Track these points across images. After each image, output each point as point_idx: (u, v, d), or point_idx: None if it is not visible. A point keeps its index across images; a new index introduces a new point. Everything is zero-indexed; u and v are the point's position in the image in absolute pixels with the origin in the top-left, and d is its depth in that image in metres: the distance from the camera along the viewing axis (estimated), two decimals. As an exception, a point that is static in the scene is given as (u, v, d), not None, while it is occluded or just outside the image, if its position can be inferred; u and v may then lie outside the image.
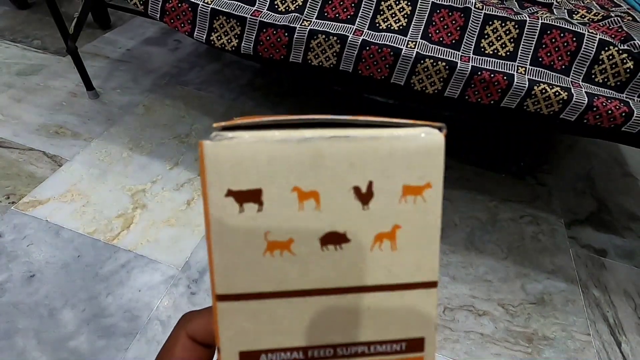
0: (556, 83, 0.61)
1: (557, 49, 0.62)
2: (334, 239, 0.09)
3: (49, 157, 0.89)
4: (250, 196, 0.09)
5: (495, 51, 0.64)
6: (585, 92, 0.60)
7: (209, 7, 0.67)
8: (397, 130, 0.09)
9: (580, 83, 0.62)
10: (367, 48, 0.63)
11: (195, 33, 0.70)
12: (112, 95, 1.08)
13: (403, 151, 0.09)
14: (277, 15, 0.66)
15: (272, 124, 0.09)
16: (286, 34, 0.65)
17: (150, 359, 0.60)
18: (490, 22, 0.64)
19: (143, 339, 0.62)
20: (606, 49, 0.60)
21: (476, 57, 0.63)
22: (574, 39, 0.62)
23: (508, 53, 0.63)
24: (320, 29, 0.64)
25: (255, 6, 0.67)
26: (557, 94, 0.60)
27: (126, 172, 0.88)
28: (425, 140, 0.09)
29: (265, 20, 0.66)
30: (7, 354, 0.59)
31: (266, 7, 0.67)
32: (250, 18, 0.66)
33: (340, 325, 0.09)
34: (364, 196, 0.09)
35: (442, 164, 0.09)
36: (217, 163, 0.09)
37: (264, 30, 0.66)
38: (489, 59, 0.63)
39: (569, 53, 0.62)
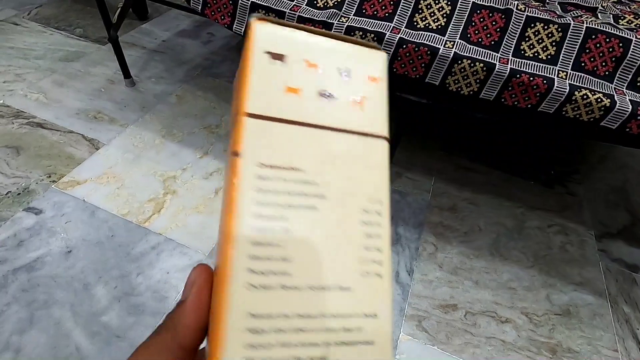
0: (599, 89, 0.59)
1: (601, 54, 0.61)
2: (326, 94, 0.13)
3: (88, 140, 0.93)
4: (278, 57, 0.13)
5: (536, 54, 0.62)
6: (630, 99, 0.58)
7: (249, 0, 0.69)
8: (364, 47, 0.15)
9: (625, 90, 0.60)
10: (404, 46, 0.63)
11: (235, 25, 0.72)
12: (147, 84, 1.11)
13: (367, 57, 0.14)
14: (316, 10, 0.67)
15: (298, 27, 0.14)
16: (324, 30, 0.66)
17: (176, 338, 0.62)
18: (532, 25, 0.62)
19: (170, 319, 0.64)
20: (654, 56, 0.58)
21: (515, 59, 0.62)
22: (620, 44, 0.60)
23: (549, 57, 0.62)
24: (358, 26, 0.65)
25: (295, 1, 0.68)
26: (599, 100, 0.58)
27: (158, 159, 0.91)
28: (379, 54, 0.15)
29: (303, 15, 0.66)
30: (45, 322, 0.62)
31: (305, 2, 0.68)
32: (289, 12, 0.67)
33: (319, 148, 0.13)
34: (344, 74, 0.14)
35: (386, 69, 0.15)
36: (261, 35, 0.13)
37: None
38: (528, 61, 0.62)
39: (613, 59, 0.60)
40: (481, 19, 0.64)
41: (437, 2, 0.65)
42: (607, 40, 0.60)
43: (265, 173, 0.12)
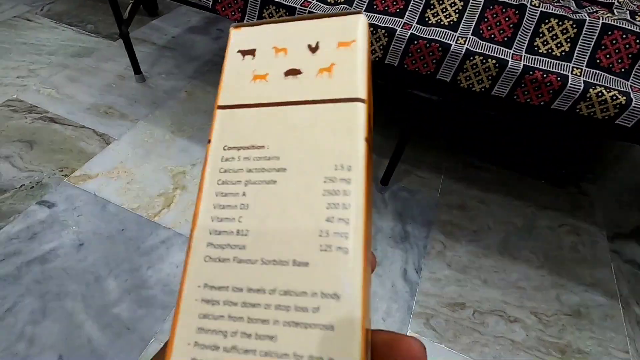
0: (614, 87, 0.58)
1: (617, 50, 0.59)
2: (293, 72, 0.14)
3: (99, 135, 0.94)
4: (248, 52, 0.14)
5: (550, 51, 0.61)
6: (646, 97, 0.57)
7: (259, -4, 0.68)
8: (341, 17, 0.14)
9: (641, 88, 0.59)
10: (415, 42, 0.63)
11: (245, 21, 0.71)
12: (158, 80, 1.12)
13: (341, 25, 0.14)
14: (326, 6, 0.67)
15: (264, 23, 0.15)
16: (298, 15, 0.65)
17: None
18: (547, 20, 0.61)
19: (179, 312, 0.65)
20: (673, 53, 0.57)
21: (529, 56, 0.61)
22: (637, 41, 0.58)
23: (563, 53, 0.61)
24: (368, 22, 0.64)
25: (305, -3, 0.68)
26: (614, 97, 0.57)
27: (168, 154, 0.91)
28: (353, 18, 0.14)
29: (314, 10, 0.66)
30: (58, 313, 0.63)
31: (316, -2, 0.68)
32: (299, 8, 0.67)
33: (282, 123, 0.13)
34: (313, 49, 0.14)
35: (362, 30, 0.14)
36: (235, 39, 0.15)
37: (312, 21, 0.67)
38: (542, 58, 0.61)
39: (630, 56, 0.59)
40: (494, 15, 0.63)
41: (449, -3, 0.64)
42: (624, 36, 0.59)
43: (229, 154, 0.13)
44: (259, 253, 0.11)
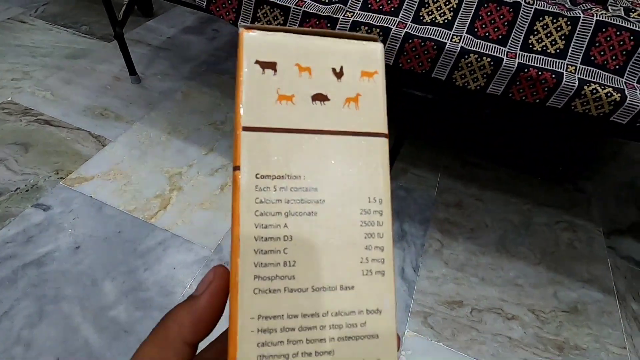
0: (609, 83, 0.58)
1: (611, 47, 0.60)
2: (320, 97, 0.13)
3: (94, 137, 0.94)
4: (268, 65, 0.13)
5: (544, 48, 0.61)
6: (641, 94, 0.57)
7: (254, -4, 0.68)
8: (360, 41, 0.14)
9: (635, 84, 0.59)
10: (410, 41, 0.63)
11: (240, 21, 0.71)
12: (153, 81, 1.12)
13: (362, 52, 0.14)
14: (321, 5, 0.67)
15: (284, 30, 0.14)
16: (328, 25, 0.65)
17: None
18: (541, 18, 0.61)
19: (177, 314, 0.65)
20: (667, 49, 0.57)
21: (523, 53, 0.61)
22: (631, 37, 0.59)
23: (558, 50, 0.61)
24: (363, 21, 0.64)
25: (299, -4, 0.68)
26: (609, 94, 0.57)
27: (164, 155, 0.91)
28: (374, 46, 0.14)
29: (308, 10, 0.66)
30: (55, 317, 0.63)
31: (310, -3, 0.68)
32: (294, 8, 0.67)
33: (315, 153, 0.13)
34: (338, 74, 0.14)
35: (382, 60, 0.14)
36: (250, 44, 0.13)
37: (307, 20, 0.67)
38: (537, 56, 0.61)
39: (624, 52, 0.59)
40: (488, 13, 0.63)
41: (443, -4, 0.64)
42: (618, 33, 0.59)
43: (263, 183, 0.12)
44: (308, 282, 0.12)
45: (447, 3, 0.64)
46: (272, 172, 0.13)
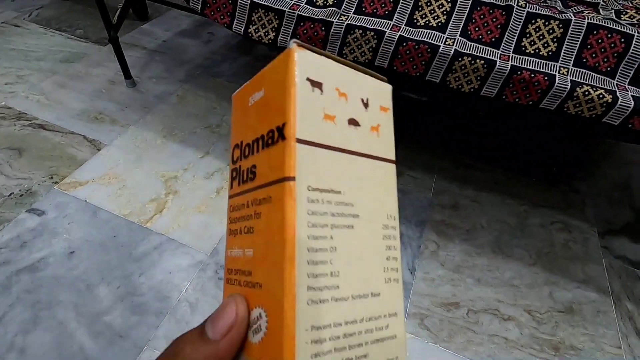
0: (600, 85, 0.59)
1: (603, 50, 0.60)
2: (354, 122, 0.15)
3: (89, 141, 0.93)
4: (317, 84, 0.14)
5: (537, 50, 0.62)
6: (632, 95, 0.58)
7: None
8: (375, 79, 0.16)
9: (627, 86, 0.59)
10: (404, 44, 0.63)
11: (234, 25, 0.71)
12: (148, 85, 1.11)
13: (380, 89, 0.16)
14: (315, 9, 0.67)
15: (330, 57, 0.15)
16: (323, 28, 0.66)
17: (179, 337, 0.62)
18: (533, 21, 0.62)
19: (173, 318, 0.65)
20: (657, 51, 0.57)
21: (516, 56, 0.62)
22: (622, 40, 0.59)
23: (550, 53, 0.62)
24: (358, 24, 0.65)
25: (294, 0, 0.68)
26: (601, 96, 0.58)
27: (160, 159, 0.91)
28: (387, 87, 0.17)
29: (303, 14, 0.66)
30: (49, 323, 0.62)
31: (304, 0, 0.68)
32: (288, 11, 0.67)
33: (352, 171, 0.15)
34: (365, 104, 0.15)
35: (391, 99, 0.17)
36: (302, 62, 0.14)
37: (302, 24, 0.67)
38: (529, 58, 0.61)
39: (615, 55, 0.60)
40: (482, 16, 0.64)
41: (437, -1, 0.65)
42: (609, 35, 0.60)
43: (314, 196, 0.13)
44: (349, 290, 0.13)
45: (441, 6, 0.65)
46: (320, 185, 0.13)
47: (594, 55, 0.61)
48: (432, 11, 0.65)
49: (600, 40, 0.60)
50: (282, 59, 0.14)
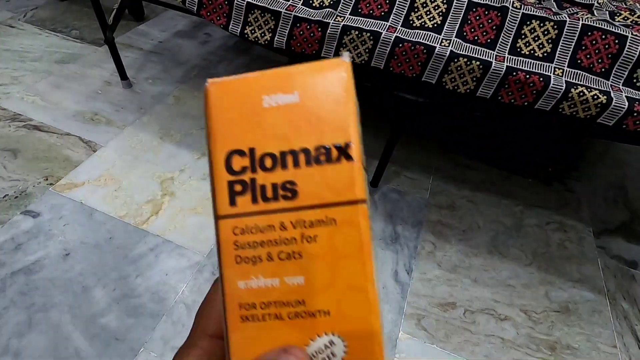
0: (595, 86, 0.59)
1: (597, 51, 0.61)
2: None
3: (85, 142, 0.93)
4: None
5: (532, 52, 0.62)
6: (626, 96, 0.58)
7: (244, 0, 0.68)
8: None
9: (621, 87, 0.60)
10: (400, 45, 0.63)
11: (230, 26, 0.71)
12: (144, 85, 1.11)
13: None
14: (312, 10, 0.67)
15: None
16: (319, 29, 0.66)
17: (176, 339, 0.62)
18: (528, 22, 0.62)
19: (169, 320, 0.64)
20: (651, 52, 0.58)
21: (512, 57, 0.62)
22: (616, 41, 0.60)
23: (545, 54, 0.62)
24: (354, 25, 0.65)
25: (290, 1, 0.68)
26: (595, 97, 0.58)
27: (156, 160, 0.90)
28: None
29: (299, 15, 0.66)
30: (44, 326, 0.62)
31: (301, 2, 0.68)
32: (284, 12, 0.67)
33: None
34: None
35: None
36: (352, 75, 0.12)
37: (298, 25, 0.67)
38: (525, 59, 0.62)
39: (610, 55, 0.60)
40: (477, 17, 0.64)
41: (432, 0, 0.65)
42: (603, 37, 0.60)
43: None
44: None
45: (437, 7, 0.65)
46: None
47: (588, 56, 0.61)
48: (428, 12, 0.65)
49: (594, 42, 0.61)
50: (330, 66, 0.12)
